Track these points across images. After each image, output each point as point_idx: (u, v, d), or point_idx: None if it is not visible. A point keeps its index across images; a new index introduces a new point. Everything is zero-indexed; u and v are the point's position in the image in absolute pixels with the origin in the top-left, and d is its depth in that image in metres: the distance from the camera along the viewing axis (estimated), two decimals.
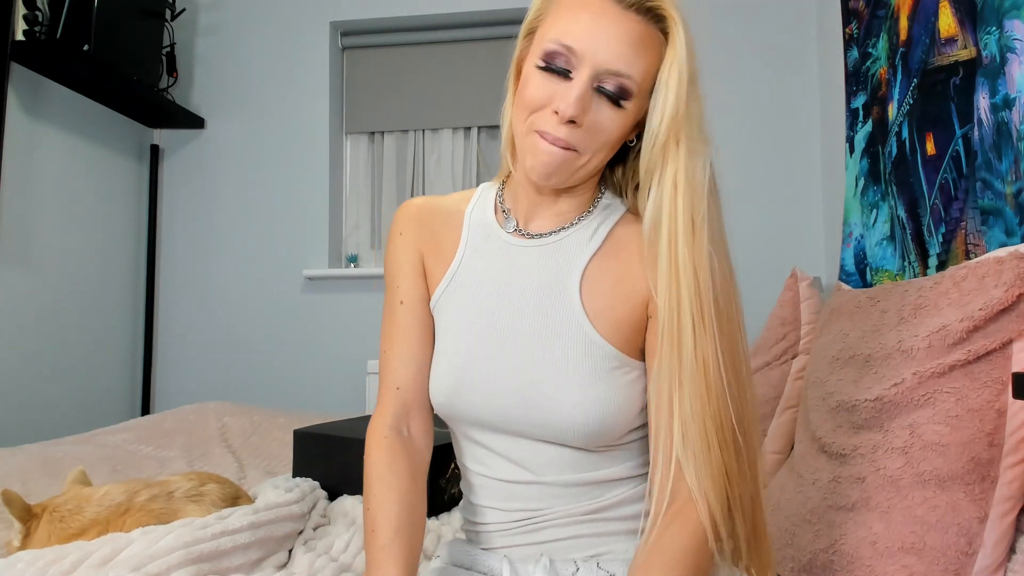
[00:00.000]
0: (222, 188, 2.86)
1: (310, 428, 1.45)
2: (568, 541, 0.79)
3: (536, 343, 0.78)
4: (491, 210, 0.87)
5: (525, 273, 0.81)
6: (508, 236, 0.84)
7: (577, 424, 0.75)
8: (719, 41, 2.56)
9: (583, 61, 0.71)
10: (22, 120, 2.26)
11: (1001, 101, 1.17)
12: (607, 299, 0.78)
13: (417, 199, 0.90)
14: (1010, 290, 0.87)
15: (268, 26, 2.85)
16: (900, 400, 0.94)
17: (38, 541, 1.03)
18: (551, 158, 0.73)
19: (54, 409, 2.40)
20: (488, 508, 0.82)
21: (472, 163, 2.88)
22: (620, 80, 0.71)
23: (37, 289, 2.34)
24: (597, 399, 0.75)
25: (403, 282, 0.86)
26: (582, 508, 0.79)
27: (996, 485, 0.86)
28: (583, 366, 0.76)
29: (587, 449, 0.78)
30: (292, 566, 1.03)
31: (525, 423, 0.77)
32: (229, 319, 2.82)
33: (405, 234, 0.88)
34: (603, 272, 0.79)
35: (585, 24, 0.71)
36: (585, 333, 0.77)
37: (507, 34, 2.79)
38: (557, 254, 0.81)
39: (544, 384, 0.76)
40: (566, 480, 0.78)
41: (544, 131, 0.73)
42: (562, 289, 0.79)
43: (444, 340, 0.84)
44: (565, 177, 0.76)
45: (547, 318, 0.78)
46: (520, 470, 0.80)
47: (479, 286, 0.83)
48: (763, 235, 2.46)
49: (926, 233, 1.44)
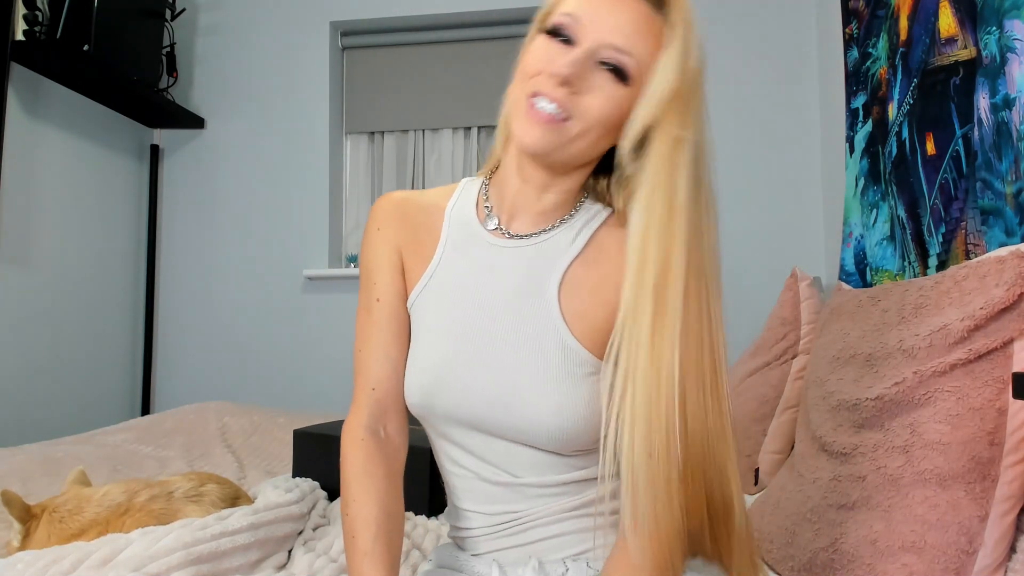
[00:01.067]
0: (222, 188, 2.86)
1: (310, 428, 1.45)
2: (556, 539, 0.78)
3: (513, 347, 0.77)
4: (472, 206, 0.85)
5: (504, 275, 0.80)
6: (488, 236, 0.82)
7: (552, 430, 0.74)
8: (719, 41, 2.55)
9: (587, 32, 0.71)
10: (22, 120, 2.26)
11: (1001, 101, 1.17)
12: (585, 304, 0.77)
13: (396, 193, 0.88)
14: (1011, 289, 0.87)
15: (268, 26, 2.85)
16: (901, 399, 0.93)
17: (38, 541, 1.02)
18: (543, 117, 0.71)
19: (54, 409, 2.40)
20: (471, 512, 0.81)
21: (472, 163, 2.88)
22: (620, 56, 0.71)
23: (37, 289, 2.34)
24: (573, 405, 0.74)
25: (380, 279, 0.85)
26: (564, 506, 0.78)
27: (997, 484, 0.86)
28: (559, 372, 0.75)
29: (562, 453, 0.77)
30: (292, 566, 1.03)
31: (500, 427, 0.76)
32: (229, 319, 2.82)
33: (383, 229, 0.86)
34: (583, 277, 0.78)
35: (594, 2, 0.72)
36: (562, 338, 0.76)
37: (507, 34, 2.79)
38: (538, 257, 0.79)
39: (520, 389, 0.75)
40: (545, 481, 0.78)
41: (540, 90, 0.71)
42: (541, 293, 0.78)
43: (420, 340, 0.83)
44: (555, 143, 0.72)
45: (524, 322, 0.77)
46: (498, 471, 0.79)
47: (457, 286, 0.81)
48: (763, 235, 2.46)
49: (926, 233, 1.44)
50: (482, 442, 0.79)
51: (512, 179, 0.81)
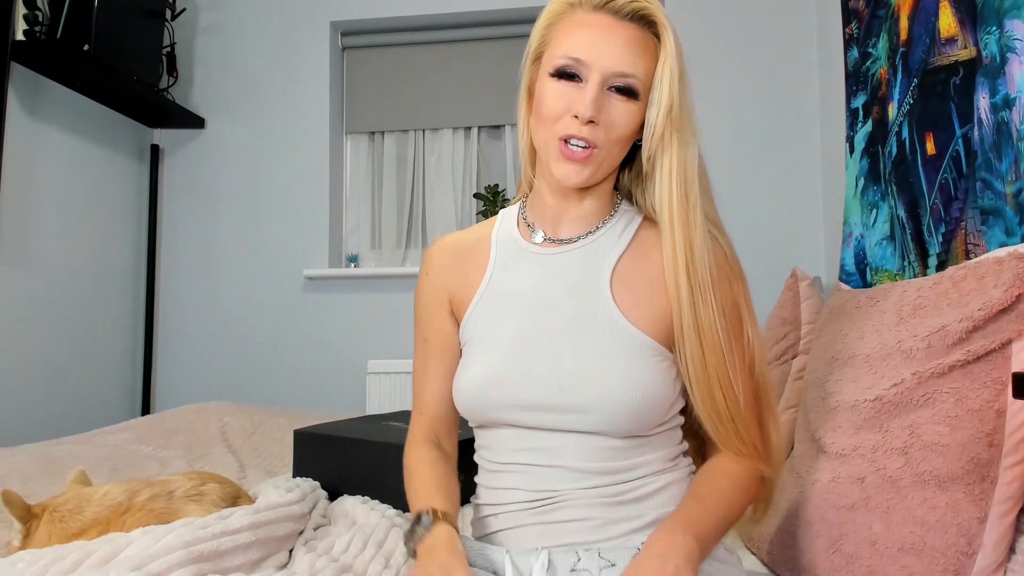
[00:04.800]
0: (222, 188, 2.86)
1: (310, 428, 1.45)
2: (581, 523, 0.80)
3: (570, 338, 0.82)
4: (515, 227, 0.92)
5: (557, 276, 0.86)
6: (536, 247, 0.89)
7: (618, 404, 0.78)
8: (719, 41, 2.56)
9: (592, 69, 0.79)
10: (22, 120, 2.27)
11: (1001, 101, 1.17)
12: (638, 294, 0.84)
13: (445, 237, 0.98)
14: (1009, 290, 0.87)
15: (268, 26, 2.85)
16: (900, 400, 0.94)
17: (38, 541, 1.03)
18: (578, 156, 0.80)
19: (54, 409, 2.40)
20: (509, 489, 0.84)
21: (472, 163, 2.88)
22: (626, 80, 0.80)
23: (37, 289, 2.34)
24: (636, 380, 0.79)
25: (428, 321, 0.94)
26: (601, 493, 0.80)
27: (996, 485, 0.86)
28: (619, 353, 0.80)
29: (617, 437, 0.80)
30: (293, 566, 1.03)
31: (562, 410, 0.80)
32: (229, 319, 2.82)
33: (431, 275, 0.94)
34: (632, 270, 0.85)
35: (589, 38, 0.80)
36: (619, 324, 0.82)
37: (507, 34, 2.79)
38: (587, 256, 0.86)
39: (580, 372, 0.80)
40: (592, 468, 0.80)
41: (569, 134, 0.80)
42: (594, 287, 0.84)
43: (474, 350, 0.88)
44: (592, 173, 0.82)
45: (580, 313, 0.83)
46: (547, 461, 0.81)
47: (510, 296, 0.87)
48: (763, 235, 2.46)
49: (926, 233, 1.44)
50: (534, 437, 0.82)
51: (549, 196, 0.89)
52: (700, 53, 2.50)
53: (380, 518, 1.17)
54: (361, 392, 2.70)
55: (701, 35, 2.54)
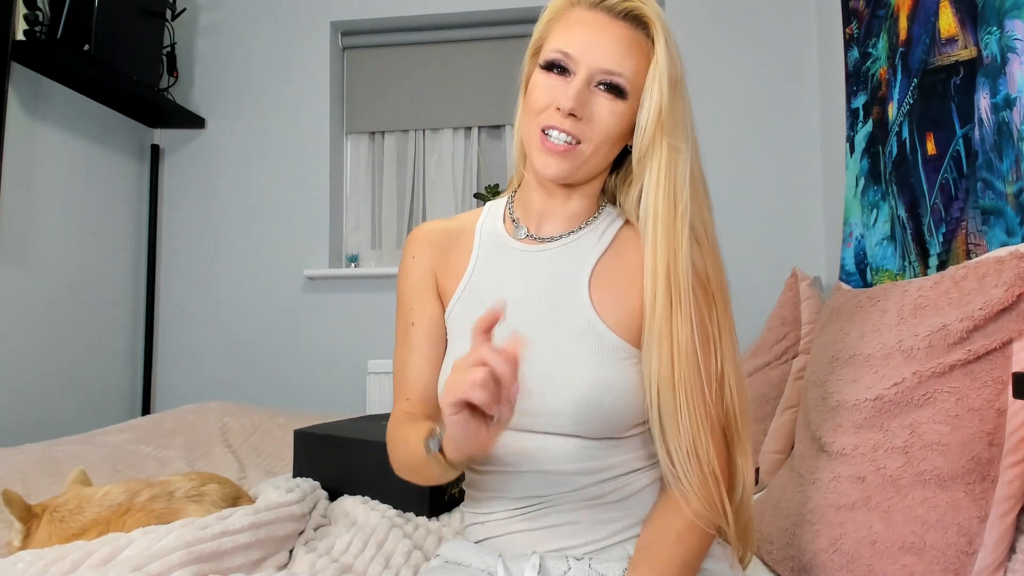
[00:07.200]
0: (222, 188, 2.86)
1: (310, 428, 1.45)
2: (567, 527, 0.80)
3: (545, 336, 0.81)
4: (500, 221, 0.92)
5: (536, 273, 0.86)
6: (518, 243, 0.88)
7: (590, 408, 0.78)
8: (719, 41, 2.56)
9: (580, 64, 0.79)
10: (22, 120, 2.27)
11: (1002, 101, 1.17)
12: (614, 295, 0.83)
13: (428, 223, 0.96)
14: (1010, 290, 0.87)
15: (268, 26, 2.85)
16: (900, 400, 0.94)
17: (38, 541, 1.03)
18: (559, 149, 0.79)
19: (54, 409, 2.40)
20: (494, 498, 0.83)
21: (472, 163, 2.88)
22: (613, 77, 0.79)
23: (37, 288, 2.34)
24: (607, 382, 0.78)
25: (415, 304, 0.91)
26: (585, 495, 0.80)
27: (996, 484, 0.86)
28: (592, 356, 0.80)
29: (593, 439, 0.80)
30: (293, 566, 1.03)
31: (538, 412, 0.79)
32: (229, 319, 2.82)
33: (417, 257, 0.92)
34: (611, 270, 0.85)
35: (580, 34, 0.80)
36: (594, 326, 0.81)
37: (507, 34, 2.79)
38: (567, 255, 0.86)
39: (554, 374, 0.79)
40: (572, 469, 0.80)
41: (550, 124, 0.79)
42: (572, 285, 0.84)
43: (456, 344, 0.87)
44: (573, 168, 0.81)
45: (557, 311, 0.83)
46: (528, 463, 0.81)
47: (491, 290, 0.87)
48: (763, 235, 2.46)
49: (926, 233, 1.44)
50: (514, 437, 0.81)
51: (536, 193, 0.88)
52: (700, 53, 2.50)
53: (380, 518, 1.17)
54: (361, 392, 2.70)
55: (701, 35, 2.54)
